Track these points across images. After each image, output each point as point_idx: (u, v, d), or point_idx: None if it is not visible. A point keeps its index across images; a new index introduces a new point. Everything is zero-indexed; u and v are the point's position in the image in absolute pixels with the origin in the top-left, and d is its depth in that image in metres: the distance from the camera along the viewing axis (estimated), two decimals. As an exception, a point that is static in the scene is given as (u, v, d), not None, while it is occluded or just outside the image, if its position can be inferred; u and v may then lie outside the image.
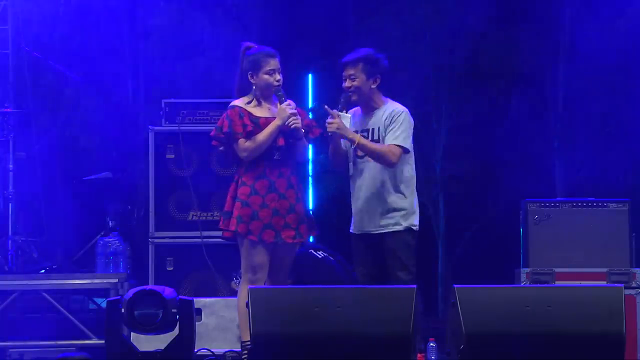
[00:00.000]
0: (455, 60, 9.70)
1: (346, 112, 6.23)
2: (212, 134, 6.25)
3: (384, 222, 6.25)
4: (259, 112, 6.21)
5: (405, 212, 6.28)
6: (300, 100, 6.74)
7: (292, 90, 6.36)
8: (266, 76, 6.18)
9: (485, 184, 9.64)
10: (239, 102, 6.24)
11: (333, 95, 9.31)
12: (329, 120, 6.20)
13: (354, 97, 6.27)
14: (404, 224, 6.27)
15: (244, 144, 6.15)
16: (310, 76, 9.39)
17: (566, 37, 9.67)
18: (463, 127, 9.62)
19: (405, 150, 6.22)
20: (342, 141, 6.29)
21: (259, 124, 6.15)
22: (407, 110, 6.28)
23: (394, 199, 6.26)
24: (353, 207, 6.37)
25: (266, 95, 6.24)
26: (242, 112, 6.18)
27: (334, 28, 9.39)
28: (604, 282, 6.95)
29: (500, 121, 9.50)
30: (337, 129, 6.18)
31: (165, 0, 9.43)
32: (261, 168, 6.16)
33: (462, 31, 9.59)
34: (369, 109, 6.30)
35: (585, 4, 9.57)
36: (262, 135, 6.13)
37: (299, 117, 6.18)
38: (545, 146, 9.69)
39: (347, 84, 6.30)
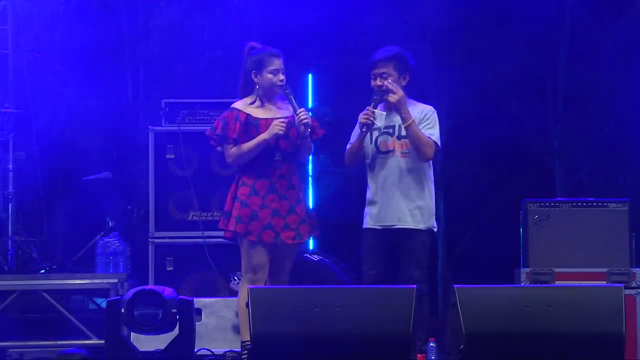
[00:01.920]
0: (456, 60, 9.69)
1: (380, 110, 6.27)
2: (207, 133, 6.26)
3: (408, 219, 6.26)
4: (261, 113, 6.20)
5: (429, 212, 6.31)
6: (300, 100, 6.73)
7: (292, 90, 6.36)
8: (270, 75, 6.18)
9: (485, 184, 9.62)
10: (239, 104, 6.24)
11: (333, 95, 9.35)
12: (391, 93, 6.19)
13: (386, 96, 6.28)
14: (428, 223, 6.31)
15: (230, 149, 6.15)
16: (310, 76, 9.38)
17: (566, 37, 9.66)
18: (463, 127, 9.60)
19: (437, 149, 6.27)
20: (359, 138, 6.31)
21: (259, 126, 6.14)
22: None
23: (423, 198, 6.29)
24: (372, 203, 6.35)
25: (269, 95, 6.23)
26: (239, 116, 6.16)
27: (334, 28, 9.38)
28: (604, 282, 6.95)
29: (500, 121, 9.48)
30: (398, 101, 6.18)
31: (165, 0, 9.42)
32: (261, 168, 6.16)
33: (462, 31, 9.58)
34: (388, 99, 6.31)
35: (585, 4, 9.56)
36: (248, 146, 6.12)
37: (306, 112, 6.19)
38: (545, 146, 9.68)
39: (378, 82, 6.31)
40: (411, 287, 5.21)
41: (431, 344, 6.39)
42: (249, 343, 5.27)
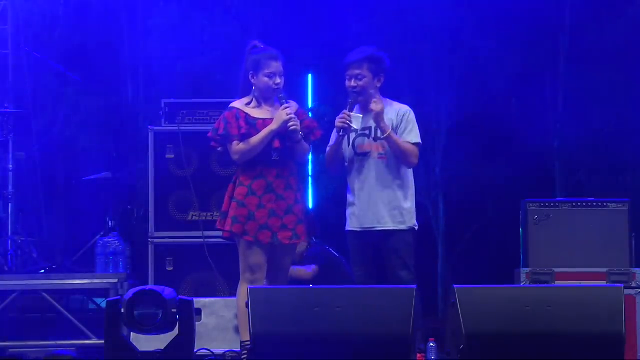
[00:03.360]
0: (456, 60, 9.71)
1: (356, 113, 6.27)
2: (209, 134, 6.25)
3: (388, 220, 6.26)
4: (258, 113, 6.19)
5: (408, 211, 6.30)
6: (300, 100, 6.74)
7: (292, 90, 6.36)
8: (266, 79, 6.16)
9: (485, 184, 9.64)
10: (237, 104, 6.23)
11: (333, 95, 9.37)
12: (373, 104, 6.19)
13: (360, 98, 6.27)
14: (408, 223, 6.30)
15: (237, 146, 6.12)
16: (310, 76, 9.39)
17: (566, 37, 9.67)
18: (463, 128, 9.62)
19: (420, 150, 6.27)
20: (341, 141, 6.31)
21: (256, 126, 6.13)
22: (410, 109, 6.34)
23: (399, 198, 6.28)
24: (352, 205, 6.36)
25: (266, 97, 6.21)
26: (239, 114, 6.16)
27: (334, 28, 9.40)
28: (604, 282, 6.95)
29: (500, 121, 9.50)
30: (378, 113, 6.17)
31: (165, 0, 9.43)
32: (259, 168, 6.14)
33: (462, 31, 9.60)
34: (370, 107, 6.30)
35: (585, 4, 9.57)
36: (256, 139, 6.10)
37: (297, 119, 6.16)
38: (545, 146, 9.69)
39: (352, 83, 6.29)
40: (411, 287, 5.22)
41: (431, 344, 6.38)
42: (248, 343, 5.27)
